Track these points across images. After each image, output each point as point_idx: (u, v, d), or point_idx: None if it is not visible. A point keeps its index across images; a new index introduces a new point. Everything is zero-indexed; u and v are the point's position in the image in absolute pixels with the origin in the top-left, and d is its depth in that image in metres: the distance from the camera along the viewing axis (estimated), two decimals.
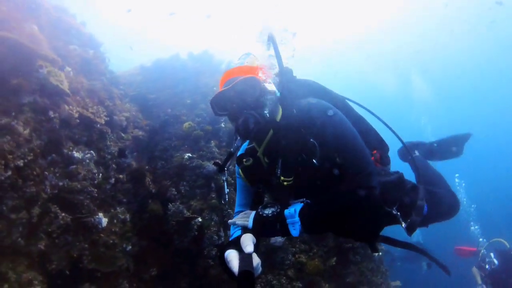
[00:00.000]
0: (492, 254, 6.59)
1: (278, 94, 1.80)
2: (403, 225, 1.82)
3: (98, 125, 4.63)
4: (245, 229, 1.69)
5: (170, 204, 5.17)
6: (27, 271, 3.46)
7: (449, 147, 3.07)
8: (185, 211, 5.14)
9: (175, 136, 6.05)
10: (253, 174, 1.91)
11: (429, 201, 2.06)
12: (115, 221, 4.61)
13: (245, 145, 2.03)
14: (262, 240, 4.89)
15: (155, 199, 5.43)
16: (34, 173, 3.72)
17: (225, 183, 2.03)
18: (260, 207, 1.71)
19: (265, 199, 2.01)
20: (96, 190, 4.32)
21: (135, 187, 5.24)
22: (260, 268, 1.40)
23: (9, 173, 3.47)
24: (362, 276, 5.94)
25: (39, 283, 3.47)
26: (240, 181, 2.07)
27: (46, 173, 3.89)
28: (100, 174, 4.52)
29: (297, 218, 1.60)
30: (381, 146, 2.11)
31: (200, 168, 5.53)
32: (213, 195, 5.38)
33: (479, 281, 6.72)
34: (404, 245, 1.89)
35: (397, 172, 2.03)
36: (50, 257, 3.74)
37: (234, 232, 1.88)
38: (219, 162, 1.96)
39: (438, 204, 2.22)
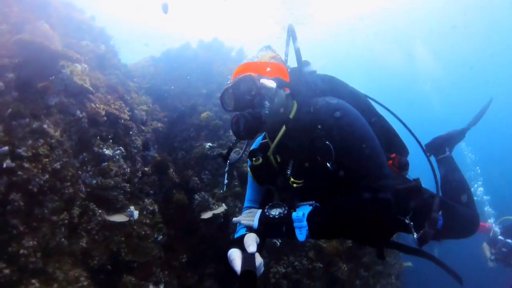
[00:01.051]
0: (501, 238, 6.66)
1: (286, 90, 1.71)
2: (415, 235, 1.75)
3: (123, 121, 4.68)
4: (250, 228, 1.66)
5: (196, 195, 5.28)
6: (72, 269, 3.58)
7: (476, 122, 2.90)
8: (210, 200, 5.27)
9: (193, 126, 6.09)
10: (261, 174, 1.85)
11: (446, 215, 1.98)
12: (145, 212, 4.74)
13: (260, 139, 2.00)
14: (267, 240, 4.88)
15: (179, 189, 5.56)
16: (70, 173, 3.80)
17: (226, 174, 2.02)
18: (267, 207, 1.65)
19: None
20: (128, 185, 4.42)
21: (160, 179, 5.35)
22: (263, 268, 1.37)
23: (47, 176, 3.55)
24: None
25: (85, 279, 3.59)
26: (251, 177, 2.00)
27: (80, 172, 3.98)
28: (129, 169, 4.61)
29: (305, 223, 1.54)
30: (401, 149, 2.02)
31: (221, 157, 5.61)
32: (236, 183, 5.49)
33: (489, 255, 6.81)
34: (413, 252, 1.82)
35: (416, 180, 1.90)
36: (92, 253, 3.87)
37: (239, 230, 1.81)
38: (224, 152, 1.94)
39: (454, 220, 2.12)
